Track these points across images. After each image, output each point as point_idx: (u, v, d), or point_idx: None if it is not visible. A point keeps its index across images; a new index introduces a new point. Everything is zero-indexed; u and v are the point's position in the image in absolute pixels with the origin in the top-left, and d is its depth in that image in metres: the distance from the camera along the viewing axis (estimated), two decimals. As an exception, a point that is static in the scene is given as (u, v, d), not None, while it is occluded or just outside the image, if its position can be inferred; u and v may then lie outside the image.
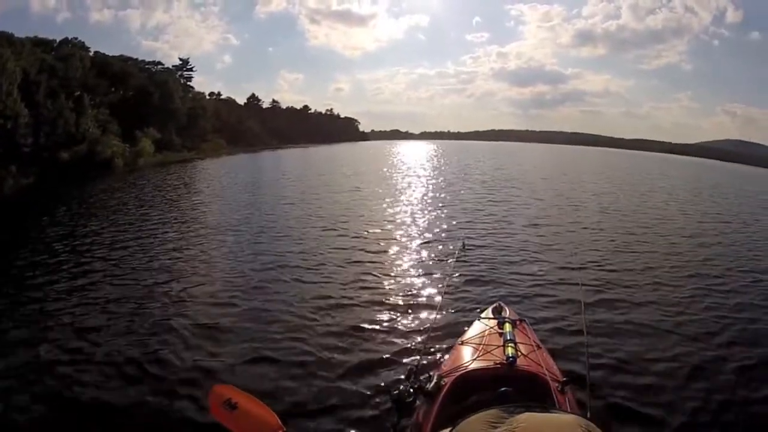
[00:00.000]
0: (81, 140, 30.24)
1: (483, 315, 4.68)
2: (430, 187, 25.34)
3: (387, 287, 8.42)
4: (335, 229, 13.36)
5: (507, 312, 4.62)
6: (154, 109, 46.56)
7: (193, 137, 55.83)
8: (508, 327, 4.04)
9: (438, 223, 14.73)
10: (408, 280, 8.85)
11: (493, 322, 4.33)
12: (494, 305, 4.82)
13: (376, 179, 28.99)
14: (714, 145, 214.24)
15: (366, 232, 12.97)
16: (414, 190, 23.57)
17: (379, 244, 11.71)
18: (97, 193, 21.06)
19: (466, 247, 8.64)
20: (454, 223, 14.72)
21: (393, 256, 10.64)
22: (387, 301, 7.67)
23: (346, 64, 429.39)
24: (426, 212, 16.76)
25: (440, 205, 18.56)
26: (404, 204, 18.78)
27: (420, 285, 8.52)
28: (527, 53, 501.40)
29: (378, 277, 9.03)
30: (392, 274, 9.28)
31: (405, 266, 9.86)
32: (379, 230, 13.40)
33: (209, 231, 13.04)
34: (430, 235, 12.78)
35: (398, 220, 15.14)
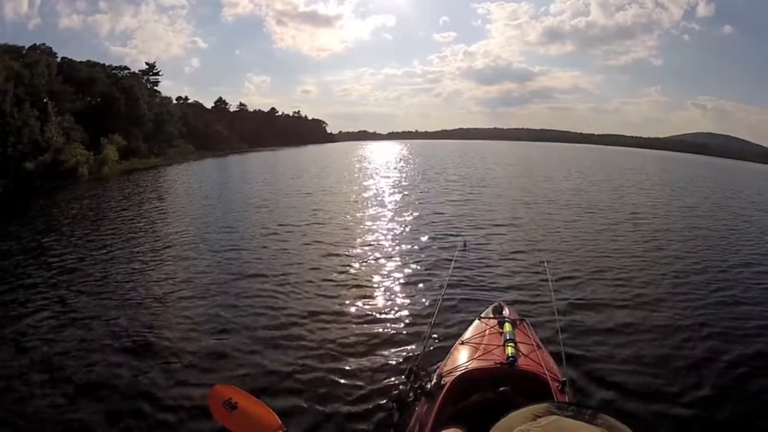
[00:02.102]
0: (46, 149, 29.50)
1: (483, 315, 4.67)
2: (409, 189, 25.07)
3: (386, 288, 8.55)
4: (329, 232, 13.39)
5: (507, 312, 4.62)
6: (120, 115, 45.48)
7: (160, 143, 54.71)
8: (508, 327, 4.06)
9: (433, 223, 14.77)
10: (408, 280, 8.93)
11: (494, 322, 4.36)
12: (494, 305, 4.81)
13: (353, 182, 28.90)
14: (685, 138, 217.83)
15: (358, 235, 13.00)
16: (392, 193, 23.37)
17: (376, 245, 11.80)
18: (57, 204, 20.30)
19: (467, 247, 8.71)
20: (448, 223, 14.76)
21: (392, 258, 10.69)
22: (387, 302, 7.83)
23: (313, 66, 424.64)
24: (418, 213, 16.64)
25: (428, 206, 18.55)
26: (392, 205, 18.78)
27: (420, 285, 8.60)
28: (494, 52, 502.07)
29: (377, 277, 9.14)
30: (391, 274, 9.38)
31: (404, 266, 9.92)
32: (374, 232, 13.47)
33: (175, 245, 12.28)
34: (428, 235, 12.81)
35: (392, 222, 15.16)
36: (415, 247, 11.59)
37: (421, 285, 8.61)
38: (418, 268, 9.75)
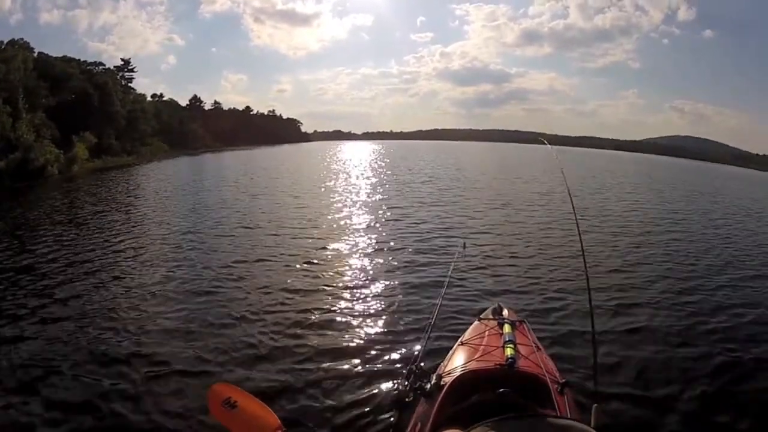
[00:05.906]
0: (17, 147, 28.64)
1: (482, 316, 4.66)
2: (398, 190, 24.69)
3: (386, 288, 8.49)
4: (324, 233, 13.25)
5: (506, 313, 4.63)
6: (93, 111, 44.58)
7: (133, 141, 53.83)
8: (507, 328, 4.08)
9: (430, 224, 14.65)
10: (407, 281, 8.84)
11: (493, 323, 4.36)
12: (494, 306, 4.82)
13: (338, 182, 28.63)
14: (662, 141, 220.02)
15: (355, 236, 12.88)
16: (383, 194, 23.04)
17: (374, 245, 11.76)
18: (22, 204, 19.24)
19: (466, 247, 8.63)
20: (445, 224, 14.70)
21: (390, 258, 10.55)
22: (386, 302, 7.78)
23: (289, 65, 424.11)
24: (414, 214, 16.51)
25: (423, 207, 18.39)
26: (386, 206, 18.50)
27: (419, 286, 8.54)
28: (471, 53, 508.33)
29: (376, 277, 9.08)
30: (390, 275, 9.31)
31: (404, 267, 9.85)
32: (371, 232, 13.39)
33: (143, 247, 11.55)
34: (426, 236, 12.76)
35: (389, 222, 14.97)
36: (414, 248, 11.49)
37: (420, 286, 8.56)
38: (417, 268, 9.68)
